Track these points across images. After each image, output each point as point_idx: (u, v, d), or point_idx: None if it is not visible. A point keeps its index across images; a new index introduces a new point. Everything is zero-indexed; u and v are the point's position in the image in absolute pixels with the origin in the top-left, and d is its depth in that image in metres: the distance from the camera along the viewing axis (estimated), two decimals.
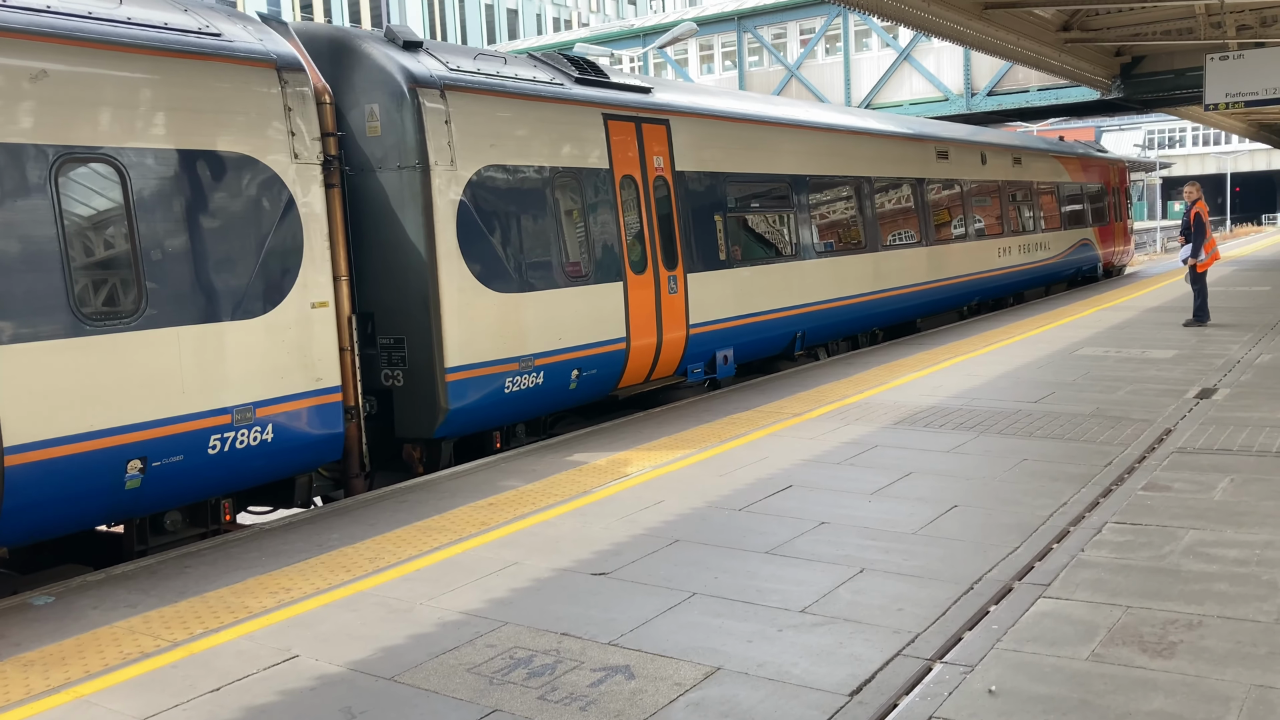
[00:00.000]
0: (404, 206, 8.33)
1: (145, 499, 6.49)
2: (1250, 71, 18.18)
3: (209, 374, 6.69)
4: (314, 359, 7.36)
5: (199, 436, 6.61)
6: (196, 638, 4.96)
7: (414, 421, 8.50)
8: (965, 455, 7.91)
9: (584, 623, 4.93)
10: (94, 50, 6.19)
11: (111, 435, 6.15)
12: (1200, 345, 12.95)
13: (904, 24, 18.04)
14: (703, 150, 11.52)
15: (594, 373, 9.83)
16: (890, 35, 33.38)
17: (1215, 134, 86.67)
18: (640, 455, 8.37)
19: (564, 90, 9.84)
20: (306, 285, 7.31)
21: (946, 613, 4.88)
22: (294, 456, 7.33)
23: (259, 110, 7.07)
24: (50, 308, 5.87)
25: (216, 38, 6.93)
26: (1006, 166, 20.07)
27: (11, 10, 5.85)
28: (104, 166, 6.21)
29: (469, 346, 8.54)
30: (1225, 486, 6.74)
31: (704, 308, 11.27)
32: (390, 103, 8.32)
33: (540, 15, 74.21)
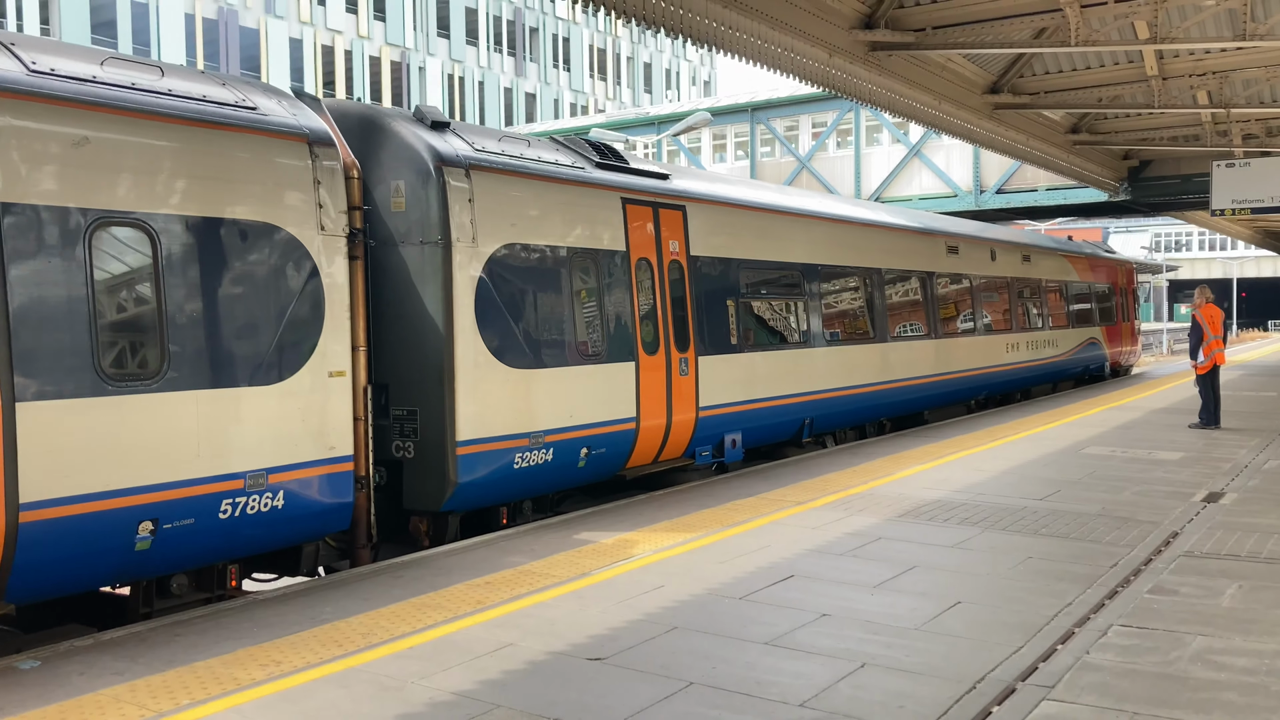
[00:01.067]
0: (424, 280, 8.46)
1: (154, 561, 6.50)
2: (1256, 179, 18.43)
3: (224, 438, 6.73)
4: (328, 428, 7.42)
5: (211, 501, 6.65)
6: (183, 709, 4.86)
7: (422, 494, 8.52)
8: (970, 551, 7.82)
9: (578, 709, 4.83)
10: (130, 119, 6.37)
11: (125, 496, 6.19)
12: (1208, 448, 12.88)
13: (915, 121, 18.36)
14: (717, 236, 11.75)
15: (603, 451, 9.88)
16: (901, 131, 33.95)
17: (1222, 239, 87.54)
18: (642, 538, 8.29)
19: (584, 174, 10.08)
20: (325, 354, 7.40)
21: (948, 712, 4.77)
22: (303, 524, 7.34)
23: (289, 182, 7.26)
24: (75, 366, 5.96)
25: (252, 111, 7.15)
26: (1016, 263, 20.36)
27: (58, 79, 6.10)
28: (134, 231, 6.37)
29: (481, 421, 8.59)
30: (1233, 593, 6.64)
31: (714, 391, 11.35)
32: (416, 179, 8.52)
33: (558, 100, 75.73)
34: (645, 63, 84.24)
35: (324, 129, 7.66)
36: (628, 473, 10.50)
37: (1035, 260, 21.40)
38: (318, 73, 59.70)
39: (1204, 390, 15.02)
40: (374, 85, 62.88)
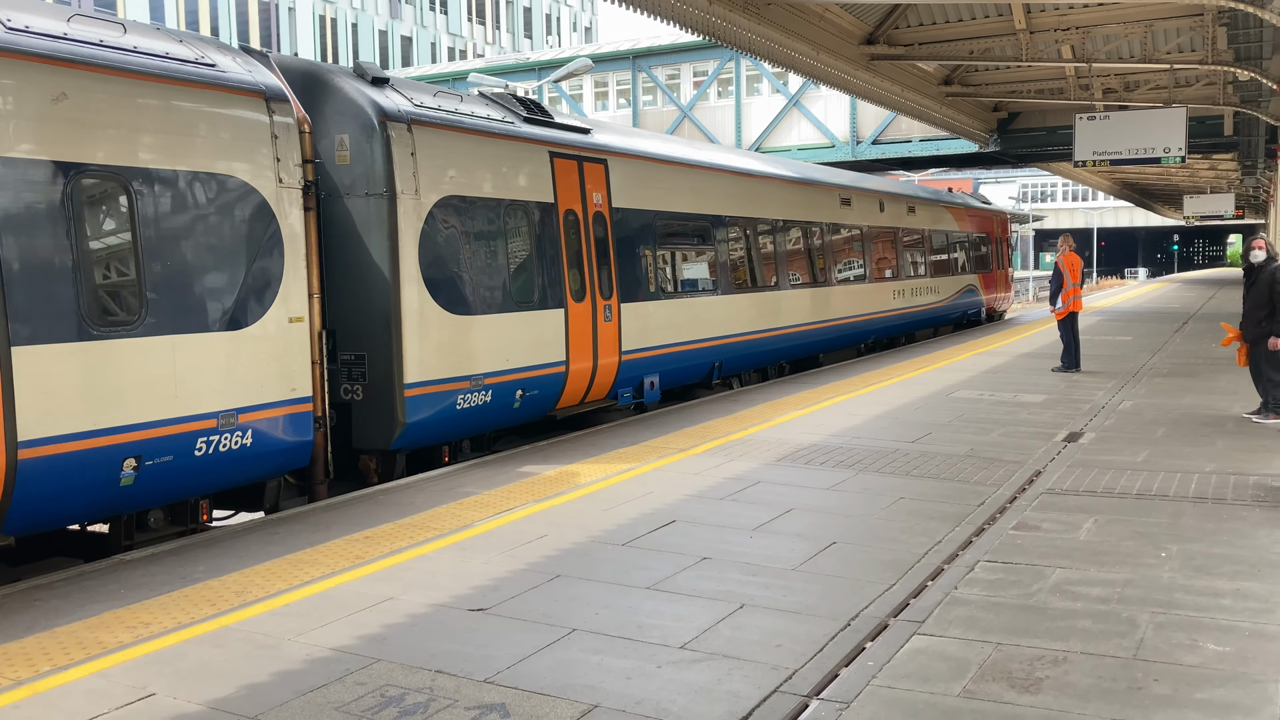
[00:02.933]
0: (370, 231, 8.88)
1: (136, 496, 6.89)
2: (1115, 132, 19.18)
3: (198, 380, 7.13)
4: (290, 370, 7.84)
5: (188, 439, 7.06)
6: (42, 675, 4.66)
7: (372, 434, 8.97)
8: (844, 493, 8.03)
9: (459, 660, 4.81)
10: (106, 76, 6.65)
11: (111, 434, 6.57)
12: (1068, 391, 13.49)
13: (794, 71, 18.51)
14: (637, 189, 12.28)
15: (536, 393, 10.44)
16: (781, 81, 34.22)
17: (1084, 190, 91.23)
18: (522, 489, 8.27)
19: (515, 129, 10.50)
20: (286, 301, 7.81)
21: (824, 649, 4.91)
22: (269, 461, 7.77)
23: (249, 137, 7.59)
24: (63, 313, 6.30)
25: (212, 68, 7.45)
26: (902, 214, 21.24)
27: (36, 36, 6.33)
28: (113, 184, 6.67)
29: (426, 364, 9.08)
30: (1090, 527, 6.99)
31: (634, 336, 12.03)
32: (361, 134, 8.89)
33: (435, 44, 73.87)
34: (525, 7, 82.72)
35: (278, 85, 7.95)
36: (558, 413, 11.08)
37: (919, 211, 22.25)
38: (180, 14, 56.87)
39: (1065, 335, 15.68)
40: (241, 27, 60.22)
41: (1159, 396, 12.84)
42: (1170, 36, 19.36)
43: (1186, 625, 5.14)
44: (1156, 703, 4.28)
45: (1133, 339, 20.93)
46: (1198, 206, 51.20)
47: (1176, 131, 18.85)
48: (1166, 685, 4.45)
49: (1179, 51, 19.76)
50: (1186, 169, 42.96)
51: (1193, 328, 23.66)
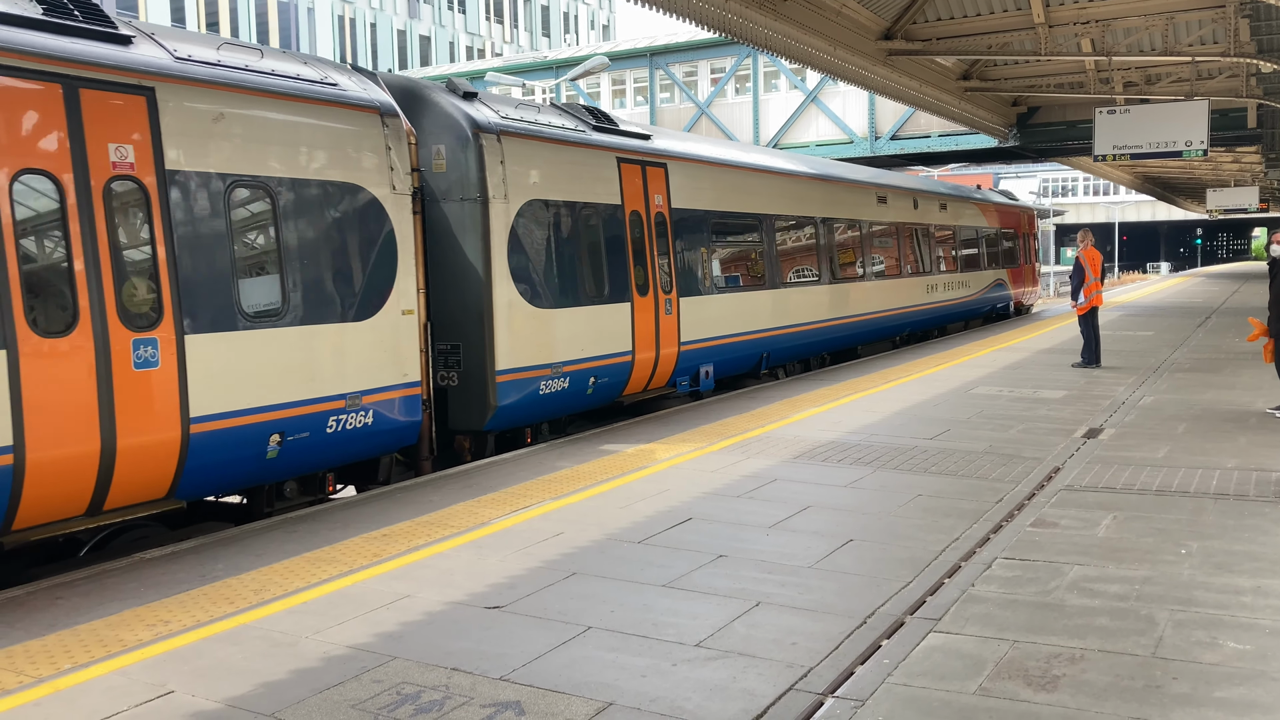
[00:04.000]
0: (464, 232, 9.79)
1: (279, 468, 7.82)
2: (1135, 125, 19.03)
3: (330, 366, 8.04)
4: (403, 357, 8.72)
5: (322, 418, 7.98)
6: (64, 673, 4.71)
7: (466, 416, 9.91)
8: (862, 490, 8.01)
9: (475, 658, 4.83)
10: (253, 97, 7.55)
11: (261, 412, 7.49)
12: (1088, 386, 13.40)
13: (811, 67, 18.47)
14: (693, 190, 13.16)
15: (606, 380, 11.38)
16: (798, 78, 34.12)
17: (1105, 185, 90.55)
18: (539, 487, 8.29)
19: (587, 136, 11.39)
20: (400, 296, 8.69)
21: (840, 647, 4.90)
22: (386, 439, 8.68)
23: (367, 149, 8.46)
24: (222, 306, 7.20)
25: (334, 87, 8.33)
26: (934, 211, 21.95)
27: (198, 64, 7.25)
28: (259, 192, 7.58)
29: (513, 353, 10.00)
30: (1109, 523, 6.94)
31: (692, 328, 12.91)
32: (456, 144, 9.80)
33: (453, 43, 74.05)
34: (543, 6, 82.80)
35: (390, 101, 8.84)
36: (624, 399, 12.01)
37: (950, 208, 22.86)
38: (200, 14, 57.23)
39: (1085, 330, 15.58)
40: (260, 27, 60.55)
41: (1180, 392, 12.73)
42: (1192, 29, 19.19)
43: (1206, 623, 5.10)
44: (1175, 701, 4.25)
45: (1154, 334, 20.77)
46: (1221, 200, 50.73)
47: (1198, 125, 18.68)
48: (1185, 684, 4.42)
49: (1200, 44, 19.59)
50: (1209, 162, 42.58)
51: (1216, 322, 23.44)
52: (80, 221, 6.47)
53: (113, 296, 6.59)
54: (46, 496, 6.34)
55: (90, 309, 6.47)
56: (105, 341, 6.55)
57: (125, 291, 6.69)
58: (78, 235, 6.44)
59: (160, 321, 6.85)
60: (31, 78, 6.25)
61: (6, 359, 6.04)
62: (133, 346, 6.68)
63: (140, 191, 6.78)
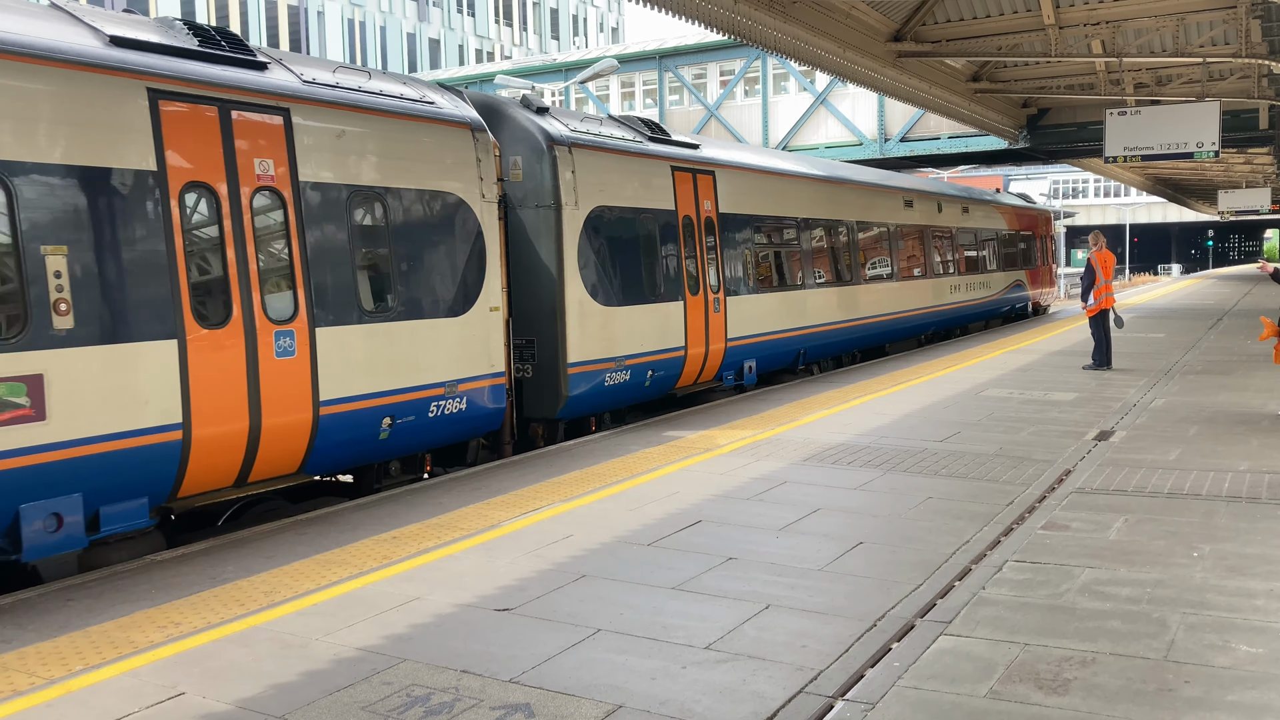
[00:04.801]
0: (539, 236, 10.63)
1: (388, 448, 8.63)
2: (1146, 127, 18.97)
3: (432, 356, 8.82)
4: (491, 350, 9.54)
5: (425, 403, 8.78)
6: (76, 674, 4.72)
7: (540, 405, 10.76)
8: (872, 493, 7.99)
9: (485, 660, 4.83)
10: (367, 115, 8.36)
11: (376, 398, 8.28)
12: (1099, 389, 13.35)
13: (820, 69, 18.44)
14: (739, 196, 13.98)
15: (662, 373, 12.23)
16: (807, 80, 34.09)
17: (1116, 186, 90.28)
18: (549, 490, 8.29)
19: (644, 147, 12.28)
20: (489, 294, 9.52)
21: (849, 650, 4.89)
22: (476, 424, 9.50)
23: (461, 161, 9.26)
24: (347, 302, 8.03)
25: (432, 105, 9.15)
26: (957, 214, 22.80)
27: (322, 87, 8.10)
28: (374, 200, 8.39)
29: (583, 348, 10.83)
30: (1120, 526, 6.92)
31: (738, 325, 13.77)
32: (532, 156, 10.66)
33: (463, 46, 74.19)
34: (552, 9, 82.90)
35: (479, 117, 9.67)
36: (678, 391, 12.87)
37: (972, 211, 23.77)
38: (210, 16, 57.44)
39: (1096, 333, 15.52)
40: (271, 30, 60.74)
41: (1192, 394, 12.68)
42: (1203, 30, 19.12)
43: (1218, 626, 5.08)
44: (1187, 705, 4.23)
45: (1165, 336, 20.69)
46: (1233, 201, 50.53)
47: (1210, 126, 18.61)
48: (1198, 687, 4.39)
49: (1212, 45, 19.50)
50: (1221, 163, 42.39)
51: (1227, 324, 23.34)
52: (233, 227, 7.30)
53: (258, 293, 7.43)
54: (206, 469, 7.16)
55: (241, 304, 7.30)
56: (253, 333, 7.37)
57: (268, 288, 7.54)
58: (231, 239, 7.27)
59: (296, 315, 7.69)
60: (194, 101, 7.10)
61: (176, 348, 6.86)
62: (275, 338, 7.52)
63: (279, 200, 7.64)
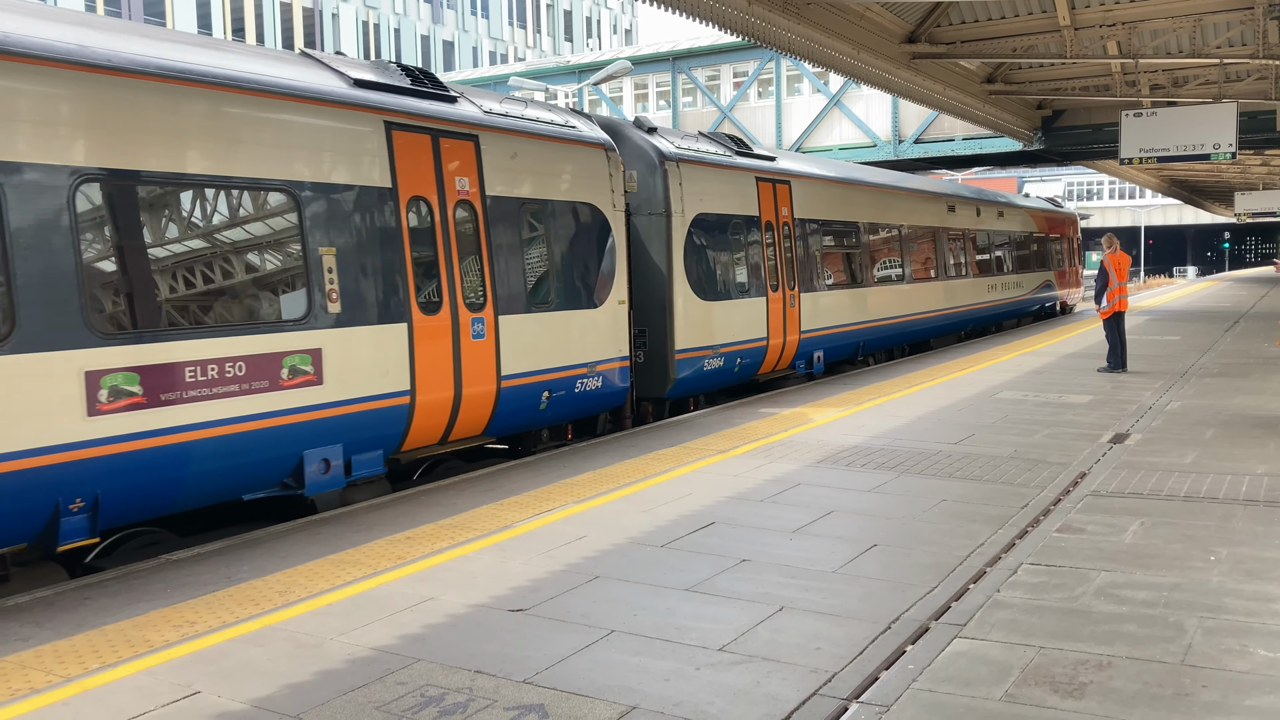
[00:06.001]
0: (652, 240, 12.23)
1: (545, 417, 10.17)
2: (1162, 128, 18.88)
3: (579, 341, 10.43)
4: (619, 337, 11.05)
5: (573, 380, 10.35)
6: (92, 673, 4.75)
7: (652, 386, 12.32)
8: (886, 495, 7.97)
9: (499, 660, 4.84)
10: (529, 139, 9.93)
11: (539, 374, 9.86)
12: (1114, 391, 13.29)
13: (835, 71, 18.42)
14: (810, 203, 15.53)
15: (748, 361, 13.76)
16: (821, 81, 34.04)
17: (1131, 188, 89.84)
18: (562, 491, 8.30)
19: (733, 160, 13.79)
20: (618, 289, 11.07)
21: (864, 652, 4.88)
22: (607, 400, 11.05)
23: (598, 176, 10.84)
24: (519, 295, 9.63)
25: (573, 129, 10.72)
26: (994, 218, 24.29)
27: (498, 115, 9.70)
28: (538, 210, 10.00)
29: (687, 337, 12.39)
30: (1136, 529, 6.88)
31: (810, 319, 15.31)
32: (646, 170, 12.24)
33: (476, 48, 74.34)
34: (565, 10, 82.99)
35: (609, 139, 11.23)
36: (759, 377, 14.35)
37: (1006, 215, 25.21)
38: (226, 19, 57.69)
39: (1110, 335, 15.45)
40: (286, 32, 60.98)
41: (1208, 397, 12.61)
42: (1220, 30, 19.03)
43: (1236, 630, 5.05)
44: (1204, 709, 4.21)
45: (1181, 338, 20.58)
46: (1250, 203, 50.25)
47: (1227, 127, 18.52)
48: (1215, 692, 4.37)
49: (1229, 46, 19.40)
50: (1237, 165, 42.17)
51: (1244, 327, 23.21)
52: (442, 231, 8.87)
53: (460, 286, 8.98)
54: (423, 428, 8.72)
55: (449, 295, 8.87)
56: (457, 319, 8.95)
57: (466, 282, 9.08)
58: (441, 241, 8.84)
59: (485, 305, 9.26)
60: (415, 131, 8.66)
61: (406, 331, 8.39)
62: (471, 323, 9.10)
63: (472, 211, 9.20)
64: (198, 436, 6.86)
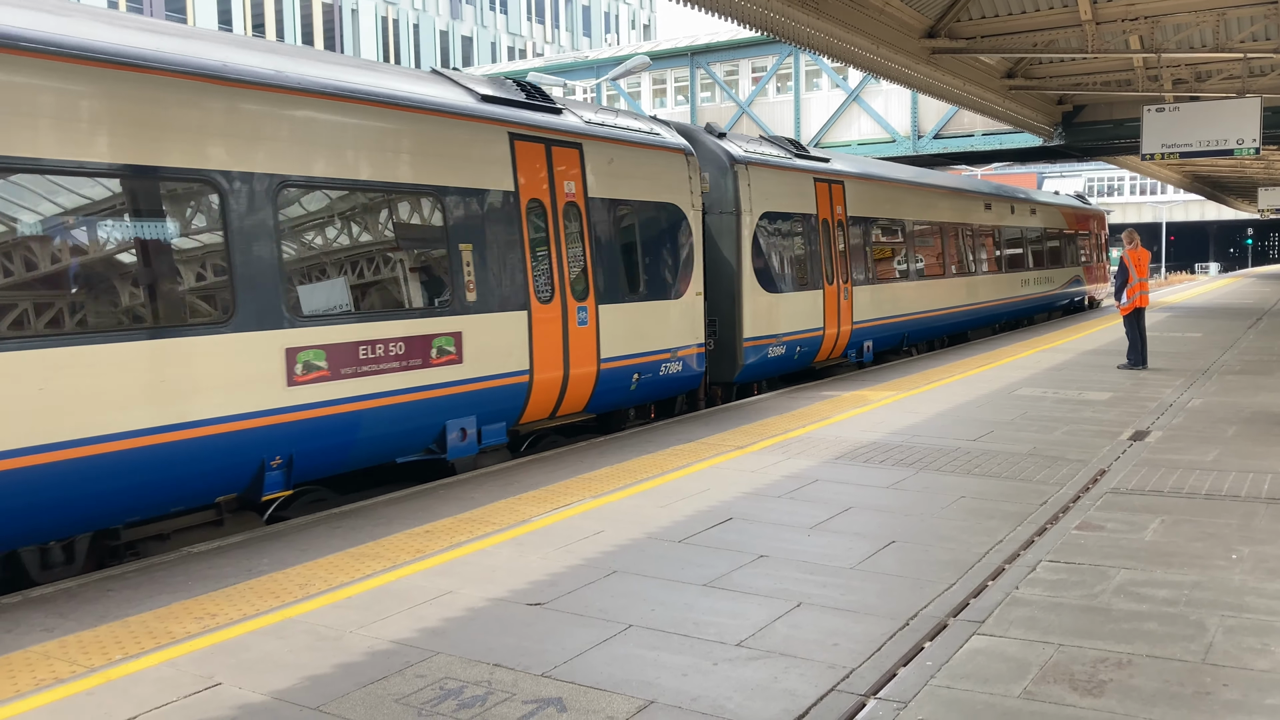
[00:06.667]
0: (723, 237, 13.27)
1: (634, 397, 11.28)
2: (1185, 123, 18.71)
3: (663, 329, 11.44)
4: (695, 326, 12.06)
5: (658, 364, 11.38)
6: (115, 664, 4.79)
7: (722, 371, 13.38)
8: (904, 491, 7.95)
9: (517, 654, 4.85)
10: (623, 146, 11.01)
11: (630, 359, 10.91)
12: (1135, 388, 13.21)
13: (854, 66, 18.34)
14: (859, 201, 16.56)
15: (806, 349, 14.87)
16: (840, 76, 33.91)
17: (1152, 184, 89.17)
18: (580, 485, 8.32)
19: (793, 162, 14.90)
20: (695, 281, 12.07)
21: (882, 648, 4.87)
22: (685, 382, 12.08)
23: (680, 179, 11.86)
24: (614, 286, 10.72)
25: (658, 136, 11.78)
26: (1026, 215, 25.21)
27: (610, 127, 10.93)
28: (629, 210, 11.06)
29: (754, 326, 13.45)
30: (1156, 527, 6.84)
31: (861, 311, 16.31)
32: (718, 172, 13.29)
33: (495, 44, 74.41)
34: (584, 6, 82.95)
35: (688, 144, 12.29)
36: (816, 365, 15.51)
37: (1038, 213, 26.17)
38: (246, 16, 57.94)
39: (1130, 332, 15.35)
40: (305, 28, 61.20)
41: (1230, 394, 12.52)
42: (1243, 25, 18.85)
43: (1258, 629, 5.02)
44: (1225, 708, 4.18)
45: (1203, 335, 20.42)
46: (1274, 199, 49.78)
47: (1250, 122, 18.32)
48: (1236, 690, 4.34)
49: (1253, 40, 19.22)
50: (1261, 160, 41.77)
51: (1267, 324, 23.01)
52: (553, 229, 9.84)
53: (567, 279, 10.02)
54: (537, 403, 9.80)
55: (559, 286, 9.90)
56: (566, 307, 9.99)
57: (573, 275, 10.12)
58: (552, 238, 9.87)
59: (588, 295, 10.28)
60: (532, 140, 9.73)
61: (526, 317, 9.47)
62: (576, 311, 10.12)
63: (576, 211, 10.25)
64: (367, 406, 7.92)
